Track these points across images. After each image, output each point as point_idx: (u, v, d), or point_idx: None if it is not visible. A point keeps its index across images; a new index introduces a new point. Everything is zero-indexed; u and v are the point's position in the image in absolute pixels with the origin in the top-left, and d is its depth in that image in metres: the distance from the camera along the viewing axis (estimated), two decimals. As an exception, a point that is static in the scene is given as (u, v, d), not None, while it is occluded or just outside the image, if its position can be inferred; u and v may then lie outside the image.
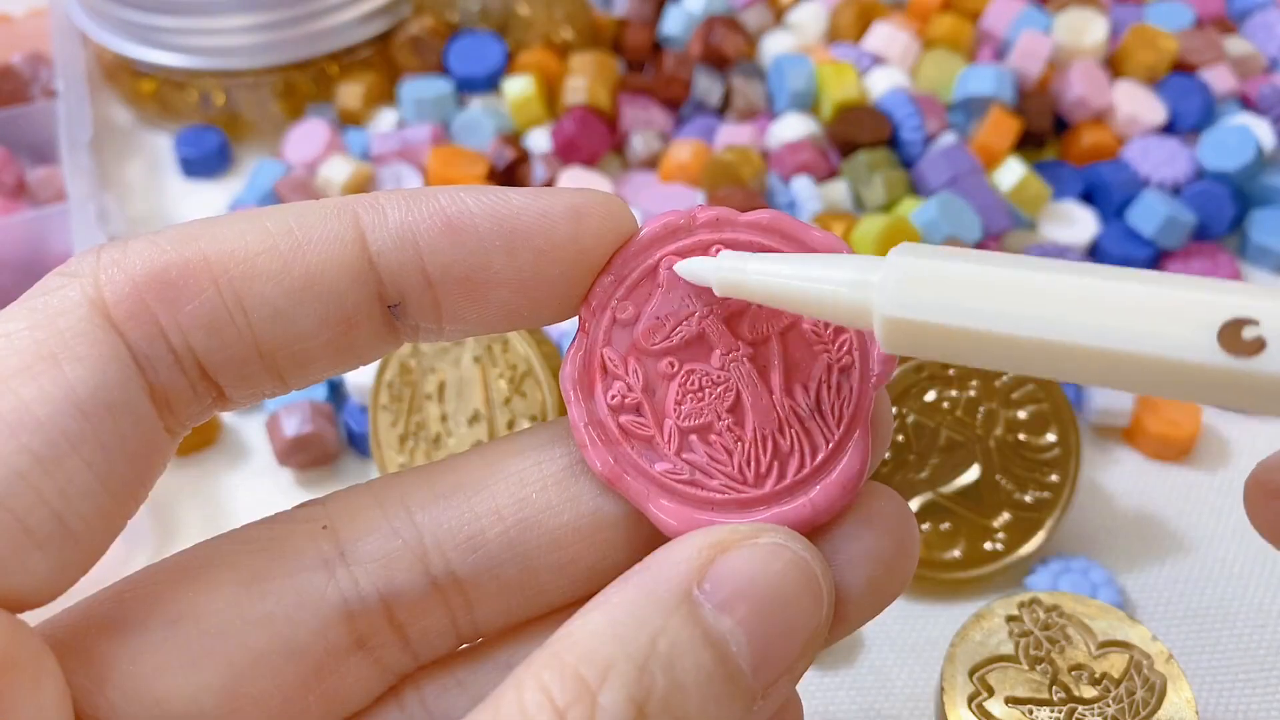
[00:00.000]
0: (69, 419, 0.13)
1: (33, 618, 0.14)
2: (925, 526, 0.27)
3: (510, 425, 0.28)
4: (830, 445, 0.16)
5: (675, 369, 0.16)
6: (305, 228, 0.15)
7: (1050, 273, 0.13)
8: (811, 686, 0.26)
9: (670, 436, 0.16)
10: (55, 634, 0.15)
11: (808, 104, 0.38)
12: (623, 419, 0.16)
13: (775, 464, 0.16)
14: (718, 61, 0.40)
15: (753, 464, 0.16)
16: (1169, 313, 0.12)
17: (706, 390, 0.16)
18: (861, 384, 0.16)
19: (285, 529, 0.16)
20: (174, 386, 0.15)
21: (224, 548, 0.16)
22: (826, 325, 0.16)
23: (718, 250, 0.16)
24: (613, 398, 0.16)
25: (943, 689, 0.23)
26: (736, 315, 0.16)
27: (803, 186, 0.35)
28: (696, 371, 0.16)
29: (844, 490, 0.15)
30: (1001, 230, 0.34)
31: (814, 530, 0.15)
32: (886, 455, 0.27)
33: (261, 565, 0.15)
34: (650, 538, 0.16)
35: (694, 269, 0.15)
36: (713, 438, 0.16)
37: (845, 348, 0.16)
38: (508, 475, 0.16)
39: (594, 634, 0.13)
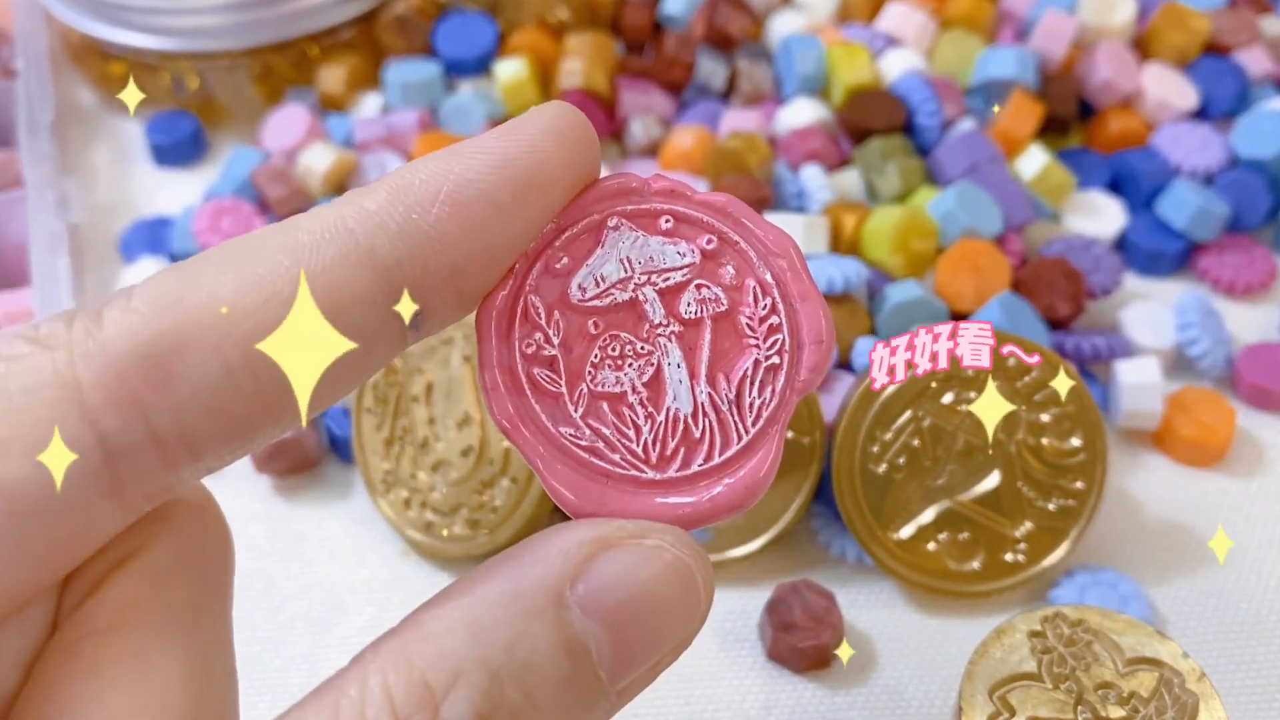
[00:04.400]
0: None
1: None
2: (943, 536, 0.27)
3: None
4: (742, 443, 0.16)
5: (599, 330, 0.16)
6: (302, 264, 0.14)
7: None
8: (822, 706, 0.26)
9: (580, 398, 0.16)
10: None
11: (817, 88, 0.37)
12: (534, 370, 0.16)
13: (682, 449, 0.16)
14: (722, 43, 0.39)
15: (658, 445, 0.16)
16: None
17: (627, 359, 0.16)
18: (786, 388, 0.16)
19: None
20: (145, 473, 0.13)
21: None
22: (761, 320, 0.16)
23: (669, 221, 0.16)
24: (528, 346, 0.16)
25: (961, 709, 0.22)
26: (674, 291, 0.16)
27: (812, 175, 0.34)
28: (620, 338, 0.16)
29: (747, 492, 0.15)
30: (1023, 222, 0.34)
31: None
32: (900, 461, 0.27)
33: None
34: None
35: None
36: (623, 409, 0.16)
37: (775, 346, 0.16)
38: None
39: (449, 631, 0.13)
